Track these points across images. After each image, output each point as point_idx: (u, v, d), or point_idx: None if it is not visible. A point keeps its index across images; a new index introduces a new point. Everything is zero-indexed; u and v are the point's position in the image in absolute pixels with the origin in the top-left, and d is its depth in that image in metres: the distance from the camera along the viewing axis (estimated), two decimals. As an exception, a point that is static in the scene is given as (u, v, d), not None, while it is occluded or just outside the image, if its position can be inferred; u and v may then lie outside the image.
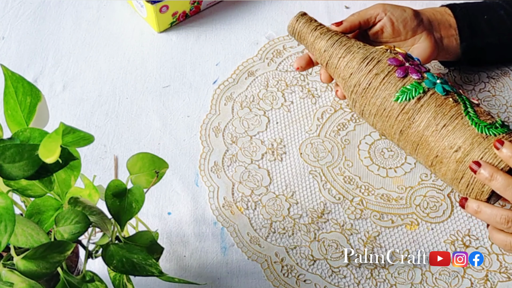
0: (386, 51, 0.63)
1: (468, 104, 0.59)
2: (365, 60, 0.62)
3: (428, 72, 0.61)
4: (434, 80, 0.60)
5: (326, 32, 0.66)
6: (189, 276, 0.61)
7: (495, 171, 0.53)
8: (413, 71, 0.60)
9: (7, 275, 0.40)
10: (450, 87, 0.60)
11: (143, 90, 0.77)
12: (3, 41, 0.83)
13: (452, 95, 0.59)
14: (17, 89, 0.43)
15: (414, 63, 0.62)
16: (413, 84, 0.59)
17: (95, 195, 0.49)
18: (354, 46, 0.64)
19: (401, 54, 0.63)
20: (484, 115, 0.58)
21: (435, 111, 0.58)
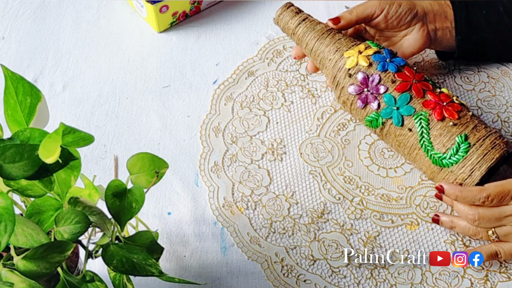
0: (347, 74, 0.65)
1: (425, 130, 0.61)
2: (334, 81, 0.67)
3: (386, 94, 0.63)
4: (391, 107, 0.62)
5: (307, 31, 0.69)
6: (189, 276, 0.61)
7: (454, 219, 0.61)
8: (371, 99, 0.63)
9: (7, 275, 0.40)
10: (408, 108, 0.62)
11: (143, 90, 0.77)
12: (3, 41, 0.83)
13: (409, 122, 0.62)
14: (17, 89, 0.43)
15: (373, 85, 0.63)
16: (372, 116, 0.64)
17: (95, 195, 0.49)
18: (326, 57, 0.68)
19: (362, 74, 0.64)
20: (441, 139, 0.60)
21: (397, 140, 0.63)
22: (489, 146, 0.59)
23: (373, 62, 0.64)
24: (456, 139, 0.59)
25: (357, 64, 0.65)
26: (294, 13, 0.70)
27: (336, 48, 0.67)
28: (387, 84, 0.63)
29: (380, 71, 0.64)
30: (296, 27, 0.69)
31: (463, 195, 0.57)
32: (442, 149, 0.60)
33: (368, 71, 0.64)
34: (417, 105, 0.62)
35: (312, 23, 0.69)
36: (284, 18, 0.70)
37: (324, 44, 0.68)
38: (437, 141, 0.60)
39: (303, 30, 0.69)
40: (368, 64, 0.64)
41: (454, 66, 0.78)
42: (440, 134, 0.60)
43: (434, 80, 0.76)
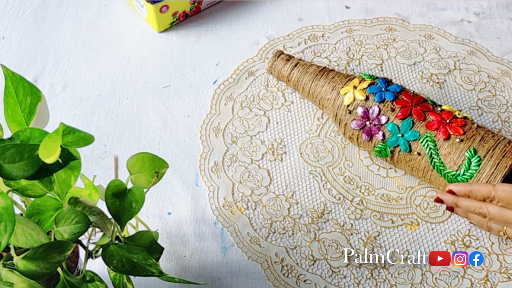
0: (347, 111, 0.66)
1: (433, 152, 0.61)
2: (337, 120, 0.68)
3: (389, 123, 0.63)
4: (396, 135, 0.63)
5: (300, 76, 0.71)
6: (189, 276, 0.61)
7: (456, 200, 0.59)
8: (375, 131, 0.64)
9: (7, 275, 0.40)
10: (413, 133, 0.62)
11: (143, 90, 0.77)
12: (3, 41, 0.83)
13: (416, 146, 0.62)
14: (17, 89, 0.43)
15: (374, 116, 0.64)
16: (379, 147, 0.64)
17: (95, 195, 0.49)
18: (324, 97, 0.69)
19: (361, 108, 0.64)
20: (451, 157, 0.60)
21: (409, 165, 0.64)
22: (500, 155, 0.59)
23: (369, 95, 0.65)
24: (466, 154, 0.59)
25: (354, 100, 0.65)
26: (285, 60, 0.73)
27: (332, 87, 0.68)
28: (387, 113, 0.63)
29: (378, 102, 0.64)
30: (290, 74, 0.72)
31: (473, 194, 0.57)
32: (454, 167, 0.60)
33: (366, 104, 0.64)
34: (421, 128, 0.62)
35: (304, 66, 0.71)
36: (276, 67, 0.73)
37: (319, 85, 0.69)
38: (447, 160, 0.60)
39: (296, 76, 0.71)
40: (365, 98, 0.65)
41: (455, 66, 0.78)
42: (449, 153, 0.60)
43: (434, 79, 0.76)
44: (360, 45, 0.81)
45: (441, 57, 0.79)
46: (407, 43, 0.81)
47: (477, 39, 0.81)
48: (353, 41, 0.81)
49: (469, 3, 0.86)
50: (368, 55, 0.79)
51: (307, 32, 0.83)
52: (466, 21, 0.84)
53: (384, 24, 0.84)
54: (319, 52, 0.80)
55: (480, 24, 0.83)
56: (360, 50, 0.80)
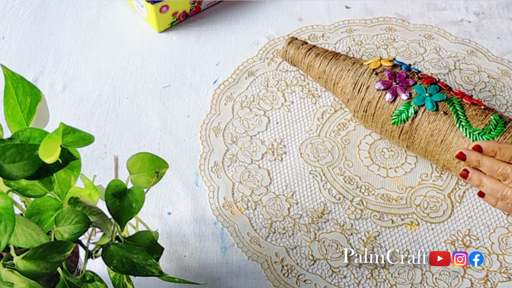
0: (372, 73, 0.66)
1: (460, 112, 0.62)
2: (356, 87, 0.66)
3: (416, 85, 0.64)
4: (423, 94, 0.63)
5: (316, 56, 0.71)
6: (189, 276, 0.61)
7: (483, 178, 0.59)
8: (401, 90, 0.64)
9: (7, 275, 0.40)
10: (440, 95, 0.63)
11: (143, 90, 0.77)
12: (3, 41, 0.83)
13: (443, 106, 0.62)
14: (17, 89, 0.43)
15: (401, 78, 0.64)
16: (404, 106, 0.63)
17: (95, 195, 0.49)
18: (344, 69, 0.69)
19: (388, 72, 0.65)
20: (477, 118, 0.61)
21: (430, 128, 0.62)
22: None
23: (395, 64, 0.67)
24: (491, 117, 0.61)
25: (381, 65, 0.67)
26: (301, 44, 0.73)
27: (353, 61, 0.69)
28: (414, 78, 0.65)
29: (405, 69, 0.66)
30: (306, 53, 0.72)
31: (502, 152, 0.58)
32: (481, 125, 0.61)
33: (393, 70, 0.66)
34: (447, 93, 0.64)
35: (319, 49, 0.72)
36: (292, 49, 0.73)
37: (339, 61, 0.70)
38: (474, 120, 0.61)
39: (312, 55, 0.71)
40: (393, 65, 0.66)
41: (455, 66, 0.78)
42: (476, 114, 0.62)
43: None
44: (360, 45, 0.81)
45: (441, 57, 0.79)
46: (407, 43, 0.81)
47: (477, 39, 0.81)
48: (353, 41, 0.81)
49: (469, 3, 0.86)
50: (368, 55, 0.79)
51: (307, 32, 0.83)
52: (466, 21, 0.84)
53: (384, 24, 0.84)
54: (319, 52, 0.80)
55: (480, 24, 0.83)
56: (360, 50, 0.80)
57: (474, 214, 0.65)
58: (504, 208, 0.61)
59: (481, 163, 0.59)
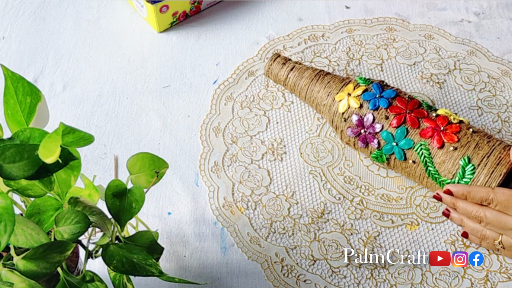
0: (342, 118, 0.66)
1: (428, 160, 0.61)
2: (333, 124, 0.68)
3: (383, 131, 0.63)
4: (390, 143, 0.63)
5: (296, 80, 0.71)
6: (189, 276, 0.61)
7: (464, 218, 0.60)
8: (370, 139, 0.64)
9: (7, 275, 0.40)
10: (407, 141, 0.62)
11: (143, 90, 0.77)
12: (3, 41, 0.83)
13: (411, 155, 0.62)
14: (17, 89, 0.43)
15: (368, 124, 0.64)
16: (375, 153, 0.65)
17: (95, 195, 0.49)
18: (320, 103, 0.69)
19: (356, 116, 0.64)
20: (446, 166, 0.60)
21: (405, 172, 0.64)
22: (495, 162, 0.58)
23: (363, 102, 0.64)
24: (460, 163, 0.59)
25: (349, 107, 0.65)
26: (281, 64, 0.72)
27: (327, 93, 0.68)
28: (381, 121, 0.63)
29: (372, 109, 0.64)
30: (286, 78, 0.72)
31: (471, 195, 0.57)
32: (449, 175, 0.60)
33: (361, 112, 0.64)
34: (415, 136, 0.61)
35: (300, 70, 0.71)
36: (273, 71, 0.73)
37: (315, 91, 0.69)
38: (442, 168, 0.60)
39: (293, 81, 0.71)
40: (359, 105, 0.64)
41: (455, 66, 0.78)
42: (443, 161, 0.60)
43: (434, 79, 0.76)
44: (360, 45, 0.81)
45: (441, 57, 0.79)
46: (407, 43, 0.81)
47: (477, 39, 0.81)
48: (353, 41, 0.81)
49: (469, 3, 0.86)
50: (368, 55, 0.79)
51: (307, 32, 0.83)
52: (466, 21, 0.84)
53: (384, 24, 0.84)
54: (319, 52, 0.80)
55: (480, 24, 0.83)
56: (360, 50, 0.80)
57: (474, 214, 0.65)
58: (489, 247, 0.60)
59: (456, 206, 0.59)
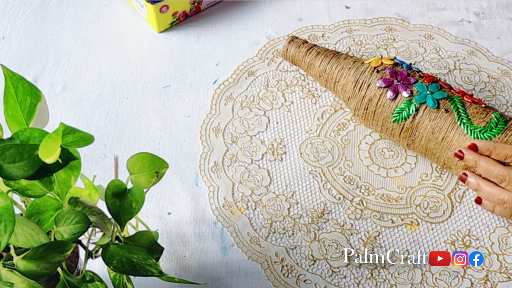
0: (374, 71, 0.66)
1: (461, 110, 0.62)
2: (357, 85, 0.66)
3: (417, 83, 0.64)
4: (424, 92, 0.63)
5: (317, 55, 0.71)
6: (189, 276, 0.61)
7: (480, 182, 0.60)
8: (402, 88, 0.64)
9: (7, 275, 0.40)
10: (441, 93, 0.63)
11: (143, 90, 0.77)
12: (3, 41, 0.83)
13: (444, 104, 0.63)
14: (17, 89, 0.43)
15: (402, 76, 0.65)
16: (405, 103, 0.63)
17: (95, 195, 0.49)
18: (345, 67, 0.69)
19: (389, 70, 0.65)
20: (478, 116, 0.62)
21: (431, 126, 0.62)
22: None
23: (397, 63, 0.67)
24: (492, 115, 0.62)
25: (382, 63, 0.67)
26: (301, 43, 0.73)
27: (354, 60, 0.69)
28: (415, 76, 0.65)
29: (407, 68, 0.66)
30: (307, 51, 0.72)
31: (497, 151, 0.58)
32: (482, 123, 0.61)
33: (394, 68, 0.66)
34: (448, 91, 0.64)
35: (320, 48, 0.72)
36: (291, 49, 0.73)
37: (340, 59, 0.70)
38: (475, 118, 0.62)
39: (313, 54, 0.72)
40: (394, 63, 0.67)
41: (455, 66, 0.78)
42: (477, 112, 0.62)
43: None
44: (360, 45, 0.81)
45: (441, 57, 0.79)
46: (407, 43, 0.81)
47: (477, 39, 0.81)
48: (353, 41, 0.81)
49: (469, 3, 0.86)
50: (368, 55, 0.79)
51: (307, 32, 0.83)
52: (466, 21, 0.84)
53: (384, 24, 0.84)
54: (319, 52, 0.80)
55: (480, 24, 0.83)
56: (360, 50, 0.80)
57: (474, 214, 0.65)
58: (502, 213, 0.61)
59: (477, 164, 0.60)
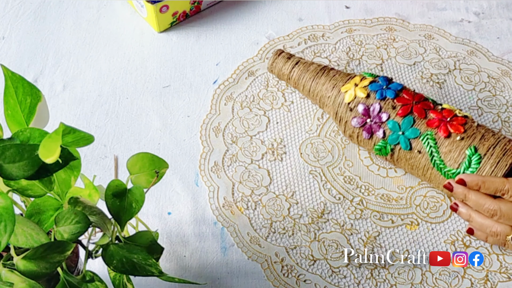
0: (348, 107, 0.65)
1: (434, 150, 0.61)
2: (337, 117, 0.67)
3: (390, 121, 0.63)
4: (397, 132, 0.62)
5: (301, 73, 0.71)
6: (189, 276, 0.61)
7: (472, 213, 0.59)
8: (376, 128, 0.64)
9: (7, 275, 0.40)
10: (414, 131, 0.62)
11: (143, 90, 0.77)
12: (3, 41, 0.83)
13: (417, 144, 0.62)
14: (17, 89, 0.43)
15: (375, 113, 0.63)
16: (381, 143, 0.64)
17: (95, 195, 0.49)
18: (325, 95, 0.68)
19: (362, 106, 0.64)
20: (452, 155, 0.60)
21: (409, 164, 0.64)
22: (500, 153, 0.59)
23: (370, 92, 0.64)
24: (466, 152, 0.59)
25: (355, 97, 0.65)
26: (286, 59, 0.72)
27: (333, 85, 0.68)
28: (388, 111, 0.63)
29: (379, 99, 0.64)
30: (290, 72, 0.71)
31: (486, 185, 0.56)
32: (455, 165, 0.60)
33: (367, 102, 0.64)
34: (422, 126, 0.62)
35: (305, 65, 0.71)
36: (277, 66, 0.72)
37: (320, 83, 0.69)
38: (448, 158, 0.60)
39: (297, 74, 0.71)
40: (366, 95, 0.64)
41: (455, 66, 0.78)
42: (449, 151, 0.60)
43: (434, 79, 0.76)
44: (360, 45, 0.81)
45: (441, 57, 0.79)
46: (407, 43, 0.81)
47: (477, 39, 0.81)
48: (353, 41, 0.81)
49: (469, 3, 0.86)
50: (368, 55, 0.79)
51: (307, 32, 0.83)
52: (466, 21, 0.84)
53: (384, 24, 0.84)
54: (319, 52, 0.80)
55: (480, 24, 0.83)
56: (360, 50, 0.80)
57: (474, 214, 0.65)
58: (495, 243, 0.60)
59: (467, 198, 0.58)
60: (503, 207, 0.56)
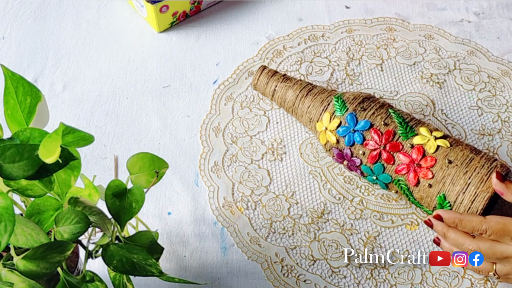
0: (325, 146, 0.66)
1: (408, 194, 0.61)
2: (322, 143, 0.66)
3: (363, 165, 0.63)
4: (371, 176, 0.63)
5: (282, 96, 0.70)
6: (189, 276, 0.61)
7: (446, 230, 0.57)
8: (353, 169, 0.65)
9: (7, 275, 0.40)
10: (386, 177, 0.62)
11: (143, 90, 0.77)
12: (3, 41, 0.83)
13: (392, 186, 0.63)
14: (17, 89, 0.43)
15: (348, 158, 0.63)
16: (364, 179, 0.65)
17: (95, 195, 0.49)
18: (306, 125, 0.69)
19: (335, 151, 0.64)
20: (425, 200, 0.60)
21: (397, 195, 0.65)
22: (469, 200, 0.57)
23: (339, 138, 0.63)
24: (436, 200, 0.59)
25: (327, 141, 0.65)
26: (270, 76, 0.71)
27: (309, 119, 0.67)
28: (359, 156, 0.63)
29: (348, 146, 0.63)
30: (273, 96, 0.71)
31: (463, 224, 0.55)
32: (430, 207, 0.60)
33: (339, 147, 0.64)
34: (392, 172, 0.61)
35: (283, 90, 0.70)
36: (261, 84, 0.71)
37: (299, 114, 0.69)
38: (422, 202, 0.61)
39: (278, 101, 0.71)
40: (336, 141, 0.64)
41: (455, 66, 0.78)
42: (421, 197, 0.60)
43: (434, 79, 0.76)
44: (360, 45, 0.81)
45: (441, 57, 0.79)
46: (407, 43, 0.81)
47: (477, 39, 0.81)
48: (353, 41, 0.81)
49: (469, 3, 0.86)
50: (368, 55, 0.79)
51: (307, 32, 0.83)
52: (466, 21, 0.84)
53: (384, 24, 0.84)
54: (319, 52, 0.80)
55: (480, 24, 0.83)
56: (360, 50, 0.80)
57: (474, 214, 0.65)
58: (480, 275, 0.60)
59: (446, 236, 0.57)
60: (482, 246, 0.55)
